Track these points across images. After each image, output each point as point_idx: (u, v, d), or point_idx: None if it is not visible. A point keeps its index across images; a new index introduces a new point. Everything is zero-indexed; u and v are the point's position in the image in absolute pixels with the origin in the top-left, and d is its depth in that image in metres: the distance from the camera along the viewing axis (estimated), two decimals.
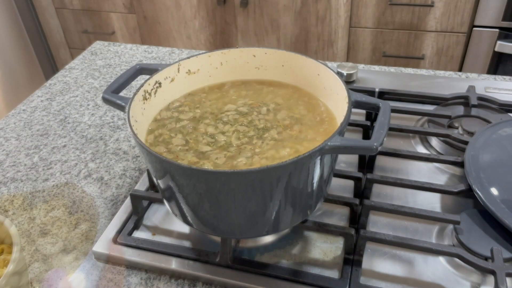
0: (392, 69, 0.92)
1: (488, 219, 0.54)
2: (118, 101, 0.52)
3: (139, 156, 0.73)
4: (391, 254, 0.53)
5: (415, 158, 0.65)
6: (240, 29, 1.95)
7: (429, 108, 0.78)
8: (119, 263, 0.55)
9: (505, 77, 0.86)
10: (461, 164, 0.62)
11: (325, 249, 0.54)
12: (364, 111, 0.76)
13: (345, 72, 0.84)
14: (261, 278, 0.51)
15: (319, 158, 0.44)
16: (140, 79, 0.86)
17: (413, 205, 0.59)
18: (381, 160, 0.67)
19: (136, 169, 0.70)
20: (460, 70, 1.83)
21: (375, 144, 0.44)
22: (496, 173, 0.58)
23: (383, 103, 0.51)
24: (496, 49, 1.68)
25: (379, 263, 0.52)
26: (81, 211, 0.61)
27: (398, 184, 0.59)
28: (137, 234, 0.58)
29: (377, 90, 0.80)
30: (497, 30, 1.66)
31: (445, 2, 1.69)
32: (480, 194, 0.55)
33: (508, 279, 0.47)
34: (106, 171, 0.70)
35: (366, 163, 0.66)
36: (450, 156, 0.64)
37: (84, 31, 2.13)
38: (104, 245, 0.56)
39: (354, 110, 0.54)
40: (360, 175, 0.60)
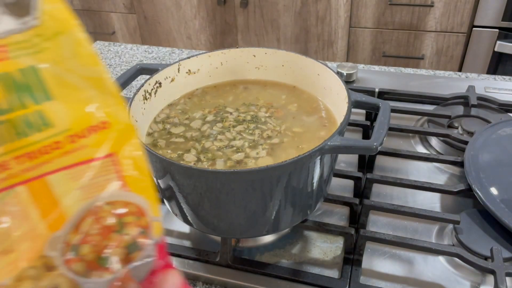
0: (392, 69, 0.92)
1: (488, 219, 0.54)
2: None
3: None
4: (391, 254, 0.53)
5: (415, 158, 0.65)
6: (240, 29, 1.95)
7: (429, 108, 0.78)
8: None
9: (504, 77, 0.86)
10: (460, 164, 0.62)
11: (325, 248, 0.54)
12: (364, 111, 0.76)
13: (345, 72, 0.84)
14: (261, 278, 0.51)
15: (319, 158, 0.44)
16: (141, 79, 0.85)
17: (413, 205, 0.59)
18: (381, 160, 0.67)
19: None
20: (460, 70, 1.83)
21: (375, 144, 0.44)
22: (495, 173, 0.58)
23: (383, 103, 0.51)
24: (495, 49, 1.68)
25: (379, 262, 0.52)
26: None
27: (398, 184, 0.59)
28: None
29: (377, 90, 0.80)
30: (496, 30, 1.66)
31: (444, 2, 1.69)
32: (480, 193, 0.55)
33: (507, 278, 0.47)
34: None
35: (366, 163, 0.66)
36: (449, 156, 0.64)
37: (85, 31, 2.13)
38: None
39: (354, 110, 0.54)
40: (360, 175, 0.60)
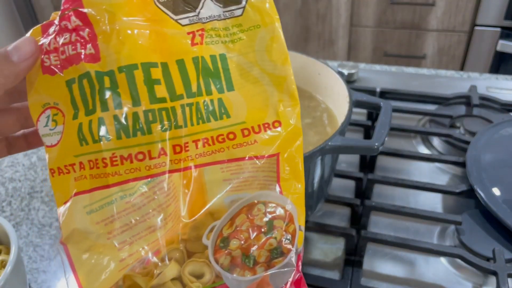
0: (393, 68, 0.92)
1: (490, 220, 0.54)
2: None
3: None
4: (392, 255, 0.53)
5: (417, 158, 0.65)
6: None
7: (430, 107, 0.77)
8: None
9: (507, 76, 0.86)
10: (462, 164, 0.62)
11: (326, 250, 0.54)
12: (365, 111, 0.75)
13: (346, 72, 0.83)
14: None
15: (319, 158, 0.44)
16: None
17: (415, 205, 0.59)
18: (382, 160, 0.67)
19: None
20: (462, 69, 1.83)
21: (376, 144, 0.44)
22: (498, 173, 0.57)
23: (385, 103, 0.50)
24: (497, 49, 1.67)
25: (380, 264, 0.52)
26: None
27: (400, 184, 0.59)
28: None
29: (378, 89, 0.79)
30: (498, 29, 1.65)
31: (446, 1, 1.68)
32: (482, 194, 0.54)
33: (510, 279, 0.47)
34: None
35: (367, 163, 0.65)
36: (451, 156, 0.63)
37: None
38: None
39: (355, 109, 0.54)
40: (361, 175, 0.60)
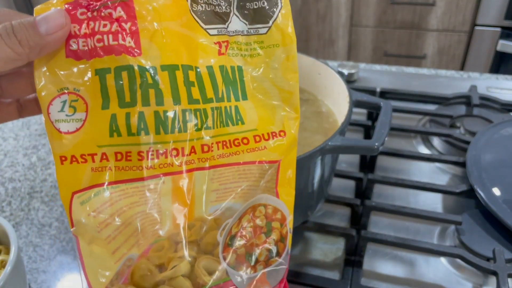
0: (394, 68, 0.92)
1: (490, 220, 0.53)
2: None
3: None
4: (392, 255, 0.53)
5: (417, 158, 0.65)
6: None
7: (430, 107, 0.77)
8: None
9: (507, 76, 0.85)
10: (462, 164, 0.61)
11: (326, 250, 0.54)
12: (365, 111, 0.75)
13: (346, 72, 0.83)
14: None
15: (319, 158, 0.44)
16: None
17: (415, 205, 0.59)
18: (382, 160, 0.67)
19: None
20: (462, 69, 1.83)
21: (376, 144, 0.44)
22: (498, 173, 0.57)
23: (385, 103, 0.50)
24: (498, 49, 1.67)
25: (380, 264, 0.52)
26: None
27: (400, 184, 0.59)
28: None
29: (378, 89, 0.79)
30: (499, 29, 1.65)
31: (446, 1, 1.68)
32: (482, 194, 0.54)
33: (510, 279, 0.46)
34: None
35: (367, 163, 0.65)
36: (451, 156, 0.63)
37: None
38: None
39: (355, 109, 0.54)
40: (361, 175, 0.60)
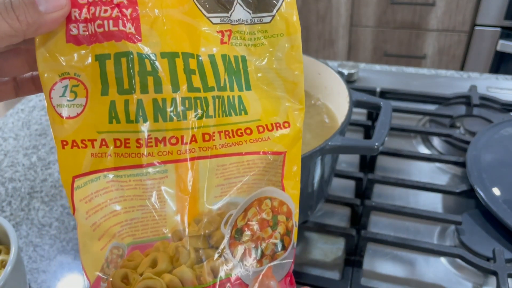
0: (394, 68, 0.92)
1: (490, 220, 0.53)
2: None
3: None
4: (392, 255, 0.53)
5: (417, 158, 0.65)
6: None
7: (430, 107, 0.77)
8: None
9: (507, 76, 0.85)
10: (462, 164, 0.61)
11: (326, 250, 0.54)
12: (365, 111, 0.75)
13: (346, 72, 0.83)
14: None
15: (319, 158, 0.44)
16: None
17: (415, 205, 0.59)
18: (382, 160, 0.67)
19: None
20: (462, 69, 1.83)
21: (376, 144, 0.44)
22: (498, 173, 0.57)
23: (385, 103, 0.50)
24: (498, 49, 1.67)
25: (380, 264, 0.52)
26: None
27: (400, 184, 0.59)
28: None
29: (378, 89, 0.79)
30: (499, 29, 1.65)
31: (446, 1, 1.68)
32: (482, 194, 0.54)
33: (510, 279, 0.46)
34: None
35: (367, 163, 0.65)
36: (451, 156, 0.63)
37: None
38: None
39: (355, 109, 0.54)
40: (361, 175, 0.60)
